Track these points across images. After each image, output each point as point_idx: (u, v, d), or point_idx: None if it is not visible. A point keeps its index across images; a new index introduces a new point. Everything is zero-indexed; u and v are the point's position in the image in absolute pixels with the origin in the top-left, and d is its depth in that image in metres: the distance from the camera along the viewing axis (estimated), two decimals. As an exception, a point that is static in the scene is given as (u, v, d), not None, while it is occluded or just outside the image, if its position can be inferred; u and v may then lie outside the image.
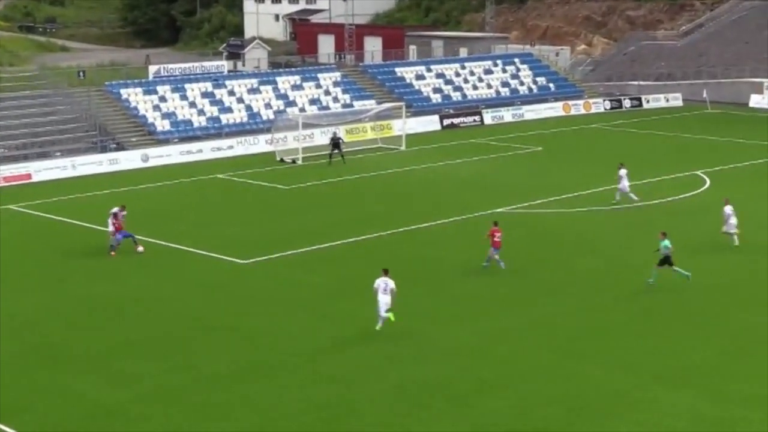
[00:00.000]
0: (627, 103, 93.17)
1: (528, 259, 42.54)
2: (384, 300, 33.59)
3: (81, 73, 78.75)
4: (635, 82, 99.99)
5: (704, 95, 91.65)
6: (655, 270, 38.44)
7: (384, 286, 33.74)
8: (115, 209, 44.79)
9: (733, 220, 44.44)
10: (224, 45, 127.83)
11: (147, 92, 75.48)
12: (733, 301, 37.20)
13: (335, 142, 65.39)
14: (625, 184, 52.28)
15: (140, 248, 43.84)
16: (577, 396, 28.82)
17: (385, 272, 34.17)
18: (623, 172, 52.48)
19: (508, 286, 38.99)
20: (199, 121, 74.90)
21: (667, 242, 38.30)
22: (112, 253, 43.44)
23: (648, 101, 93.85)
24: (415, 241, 45.91)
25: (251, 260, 42.68)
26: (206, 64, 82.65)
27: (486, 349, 32.39)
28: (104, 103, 73.64)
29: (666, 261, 38.32)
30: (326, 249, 44.36)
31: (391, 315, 33.39)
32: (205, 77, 79.19)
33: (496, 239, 40.38)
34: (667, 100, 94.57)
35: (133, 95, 74.79)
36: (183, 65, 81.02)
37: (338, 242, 45.41)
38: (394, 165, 64.96)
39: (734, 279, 39.91)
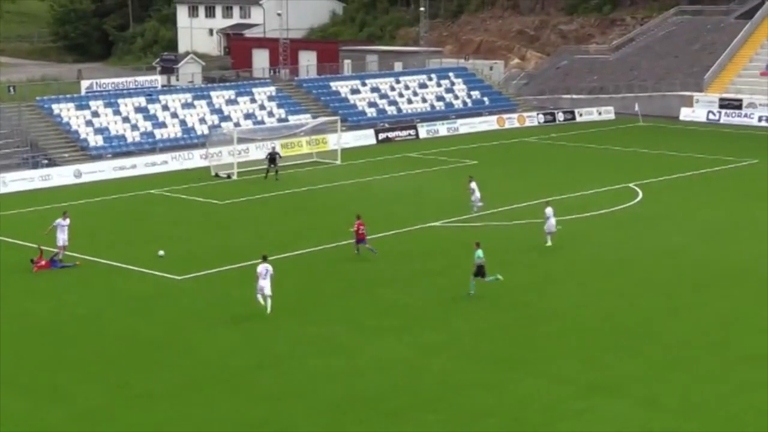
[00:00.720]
0: (560, 116, 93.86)
1: (462, 272, 42.30)
2: (264, 284, 36.70)
3: (11, 88, 77.59)
4: (568, 96, 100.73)
5: (636, 108, 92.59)
6: (473, 280, 39.29)
7: (264, 271, 36.68)
8: (59, 220, 44.62)
9: (553, 221, 46.44)
10: (158, 59, 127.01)
11: (79, 107, 74.76)
12: (666, 311, 37.56)
13: (272, 157, 65.04)
14: (477, 196, 52.95)
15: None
16: (514, 407, 28.99)
17: (264, 258, 37.41)
18: (474, 185, 52.93)
19: (443, 299, 39.06)
20: (132, 136, 74.29)
21: (479, 252, 39.23)
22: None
23: (581, 114, 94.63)
24: (351, 255, 45.77)
25: (186, 276, 42.39)
26: (140, 78, 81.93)
27: (421, 363, 32.46)
28: (35, 119, 72.84)
29: (479, 272, 39.12)
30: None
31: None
32: (139, 92, 78.66)
33: (360, 233, 44.06)
34: (600, 114, 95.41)
35: (65, 110, 74.05)
36: (116, 80, 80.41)
37: (273, 257, 44.61)
38: (330, 179, 64.87)
39: (666, 290, 40.30)
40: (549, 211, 46.62)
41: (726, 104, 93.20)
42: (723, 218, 53.13)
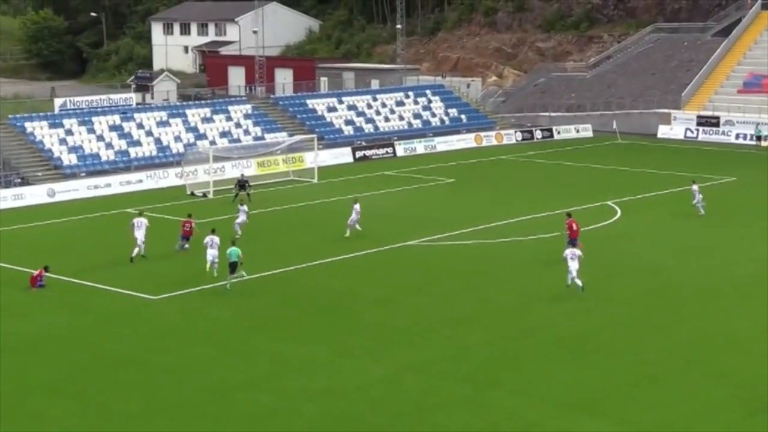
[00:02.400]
0: (538, 134, 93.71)
1: (439, 290, 42.64)
2: (212, 253, 43.71)
3: (-16, 106, 77.12)
4: (546, 114, 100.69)
5: (614, 126, 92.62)
6: (230, 278, 42.13)
7: (211, 242, 43.86)
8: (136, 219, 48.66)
9: (355, 216, 51.15)
10: (132, 77, 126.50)
11: (53, 125, 74.04)
12: (644, 329, 37.38)
13: (241, 184, 63.49)
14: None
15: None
16: (493, 427, 28.81)
17: (213, 231, 44.83)
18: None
19: (421, 318, 38.80)
20: (107, 154, 73.64)
21: (236, 249, 42.12)
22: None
23: (559, 132, 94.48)
24: (328, 273, 45.59)
25: (161, 296, 41.93)
26: (114, 96, 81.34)
27: (400, 382, 32.21)
28: (8, 137, 72.04)
29: (233, 268, 41.90)
30: (238, 283, 43.59)
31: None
32: (113, 110, 78.05)
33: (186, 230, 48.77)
34: (578, 131, 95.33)
35: (39, 129, 73.31)
36: (90, 98, 79.80)
37: (250, 276, 44.66)
38: (307, 198, 64.42)
39: (645, 308, 40.13)
40: (357, 207, 51.68)
41: (704, 122, 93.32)
42: (701, 236, 53.12)
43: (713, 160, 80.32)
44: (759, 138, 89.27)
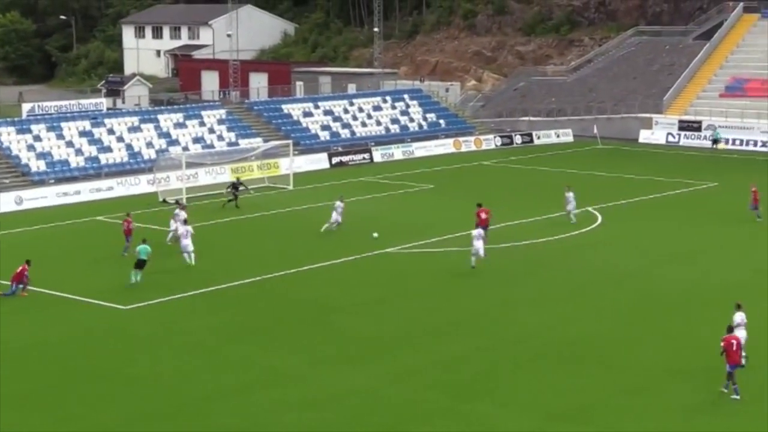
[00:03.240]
0: (518, 139, 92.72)
1: (418, 299, 42.40)
2: (186, 242, 47.11)
3: (-51, 111, 75.58)
4: (526, 118, 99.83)
5: (594, 131, 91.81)
6: (134, 272, 43.43)
7: (186, 232, 47.37)
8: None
9: (336, 215, 53.23)
10: (103, 81, 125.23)
11: (20, 131, 72.55)
12: (626, 337, 37.23)
13: (235, 186, 63.15)
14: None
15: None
16: (473, 437, 28.42)
17: (185, 222, 48.64)
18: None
19: (401, 328, 38.52)
20: (76, 161, 72.23)
21: (146, 246, 43.71)
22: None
23: (539, 137, 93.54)
24: (305, 281, 45.27)
25: (133, 306, 41.27)
26: (84, 101, 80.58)
27: (379, 393, 31.87)
28: (-26, 143, 70.57)
29: (140, 265, 43.29)
30: (212, 292, 43.24)
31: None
32: (83, 115, 76.85)
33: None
34: (558, 136, 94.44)
35: (5, 134, 71.74)
36: (59, 103, 78.97)
37: (224, 285, 44.25)
38: (282, 205, 63.57)
39: (627, 315, 40.06)
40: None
41: (685, 126, 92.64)
42: (683, 242, 53.05)
43: (695, 166, 79.95)
44: (715, 141, 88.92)
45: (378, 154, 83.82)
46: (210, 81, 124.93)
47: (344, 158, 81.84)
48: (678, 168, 77.58)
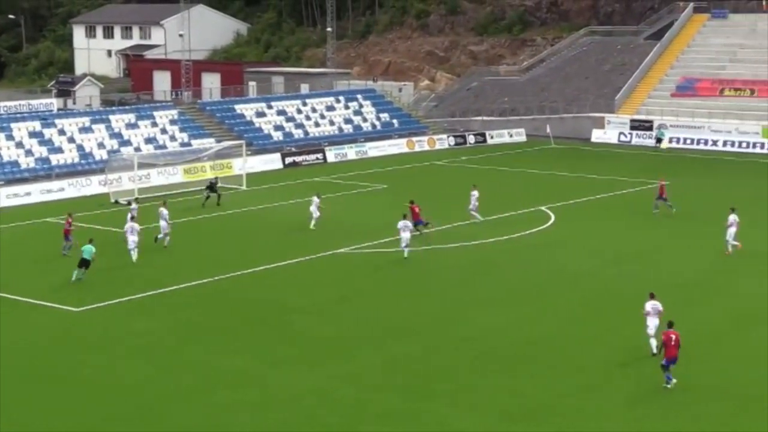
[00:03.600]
0: (471, 138, 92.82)
1: (372, 299, 42.29)
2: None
3: None
4: (479, 118, 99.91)
5: (547, 130, 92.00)
6: (77, 271, 43.80)
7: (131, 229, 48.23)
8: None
9: (314, 208, 54.25)
10: (53, 82, 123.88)
11: (-31, 132, 71.78)
12: (578, 337, 37.11)
13: (211, 185, 63.21)
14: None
15: None
16: (426, 438, 28.24)
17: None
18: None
19: (354, 328, 38.37)
20: (26, 162, 71.45)
21: (91, 246, 44.12)
22: None
23: (492, 137, 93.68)
24: (258, 283, 44.96)
25: (85, 308, 40.82)
26: (34, 102, 79.70)
27: (332, 394, 31.69)
28: None
29: (84, 264, 43.72)
30: (165, 294, 42.89)
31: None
32: (33, 116, 76.09)
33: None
34: (511, 136, 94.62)
35: (-46, 135, 71.01)
36: (8, 103, 77.98)
37: (177, 287, 43.86)
38: (236, 205, 63.07)
39: (581, 314, 39.99)
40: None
41: (637, 125, 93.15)
42: (635, 241, 52.93)
43: (647, 165, 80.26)
44: (659, 140, 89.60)
45: (331, 154, 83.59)
46: (162, 81, 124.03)
47: (297, 158, 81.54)
48: (630, 167, 77.90)
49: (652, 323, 34.26)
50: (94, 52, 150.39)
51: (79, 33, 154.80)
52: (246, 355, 34.93)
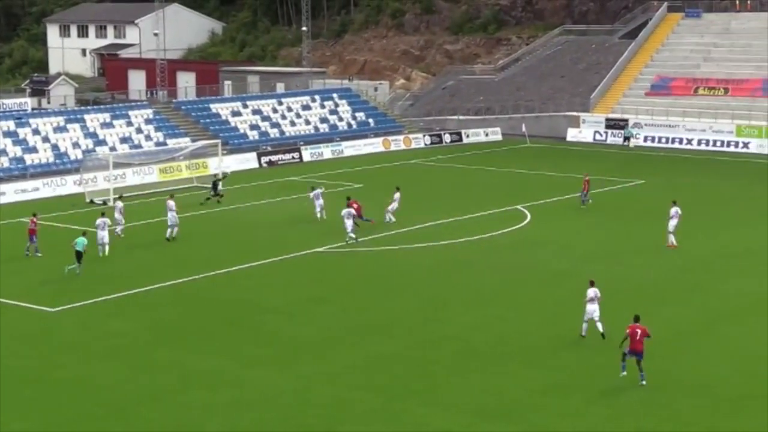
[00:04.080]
0: (447, 138, 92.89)
1: (348, 299, 42.18)
2: (103, 234, 48.69)
3: None
4: (455, 117, 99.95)
5: (523, 129, 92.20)
6: (75, 265, 44.68)
7: (103, 224, 49.00)
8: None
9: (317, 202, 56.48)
10: (27, 81, 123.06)
11: (-58, 132, 71.32)
12: (555, 336, 37.11)
13: (214, 183, 63.38)
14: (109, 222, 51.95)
15: None
16: (402, 436, 28.23)
17: (103, 214, 49.85)
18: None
19: (330, 328, 38.28)
20: (1, 162, 71.07)
21: (83, 238, 45.22)
22: None
23: (468, 136, 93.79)
24: (233, 283, 44.79)
25: (60, 308, 40.66)
26: (7, 101, 79.37)
27: (309, 394, 31.62)
28: None
29: (78, 257, 44.46)
30: (140, 294, 42.75)
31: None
32: (7, 115, 75.75)
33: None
34: (487, 135, 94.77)
35: (-73, 135, 70.50)
36: (-19, 103, 77.20)
37: (152, 287, 43.74)
38: (210, 205, 62.57)
39: (556, 313, 39.93)
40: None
41: (612, 124, 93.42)
42: (610, 240, 53.11)
43: (621, 163, 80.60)
44: (627, 138, 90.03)
45: (307, 154, 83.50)
46: (137, 80, 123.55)
47: (273, 158, 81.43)
48: (605, 166, 77.85)
49: (591, 309, 36.01)
50: (69, 51, 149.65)
51: (53, 32, 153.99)
52: (221, 356, 34.78)
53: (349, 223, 51.14)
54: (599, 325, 35.76)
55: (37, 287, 43.69)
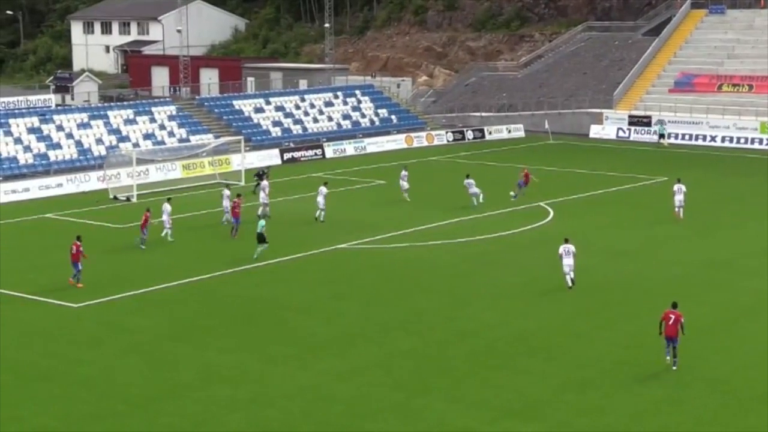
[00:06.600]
0: (470, 134, 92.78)
1: (370, 295, 42.15)
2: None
3: None
4: (477, 114, 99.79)
5: (546, 126, 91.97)
6: (259, 247, 46.47)
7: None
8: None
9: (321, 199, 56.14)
10: (51, 78, 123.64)
11: (-33, 128, 71.68)
12: (577, 332, 37.05)
13: (259, 174, 63.59)
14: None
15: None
16: (427, 434, 28.24)
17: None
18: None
19: (351, 325, 38.25)
20: (25, 158, 71.45)
21: (262, 221, 47.47)
22: None
23: (490, 133, 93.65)
24: (255, 279, 44.73)
25: (83, 304, 40.68)
26: (32, 98, 79.34)
27: (330, 390, 31.52)
28: None
29: (261, 239, 46.13)
30: (161, 290, 42.76)
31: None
32: (31, 112, 76.02)
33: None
34: (510, 132, 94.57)
35: (-48, 131, 70.93)
36: (6, 99, 77.77)
37: (174, 283, 43.74)
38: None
39: (578, 309, 39.87)
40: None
41: (635, 121, 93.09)
42: (633, 237, 52.86)
43: (645, 160, 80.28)
44: (661, 136, 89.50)
45: (330, 150, 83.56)
46: (160, 77, 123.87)
47: (296, 154, 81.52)
48: (628, 163, 77.76)
49: (566, 263, 41.61)
50: (92, 48, 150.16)
51: (77, 29, 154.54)
52: (243, 352, 34.77)
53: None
54: (567, 278, 41.34)
55: (61, 283, 43.54)
